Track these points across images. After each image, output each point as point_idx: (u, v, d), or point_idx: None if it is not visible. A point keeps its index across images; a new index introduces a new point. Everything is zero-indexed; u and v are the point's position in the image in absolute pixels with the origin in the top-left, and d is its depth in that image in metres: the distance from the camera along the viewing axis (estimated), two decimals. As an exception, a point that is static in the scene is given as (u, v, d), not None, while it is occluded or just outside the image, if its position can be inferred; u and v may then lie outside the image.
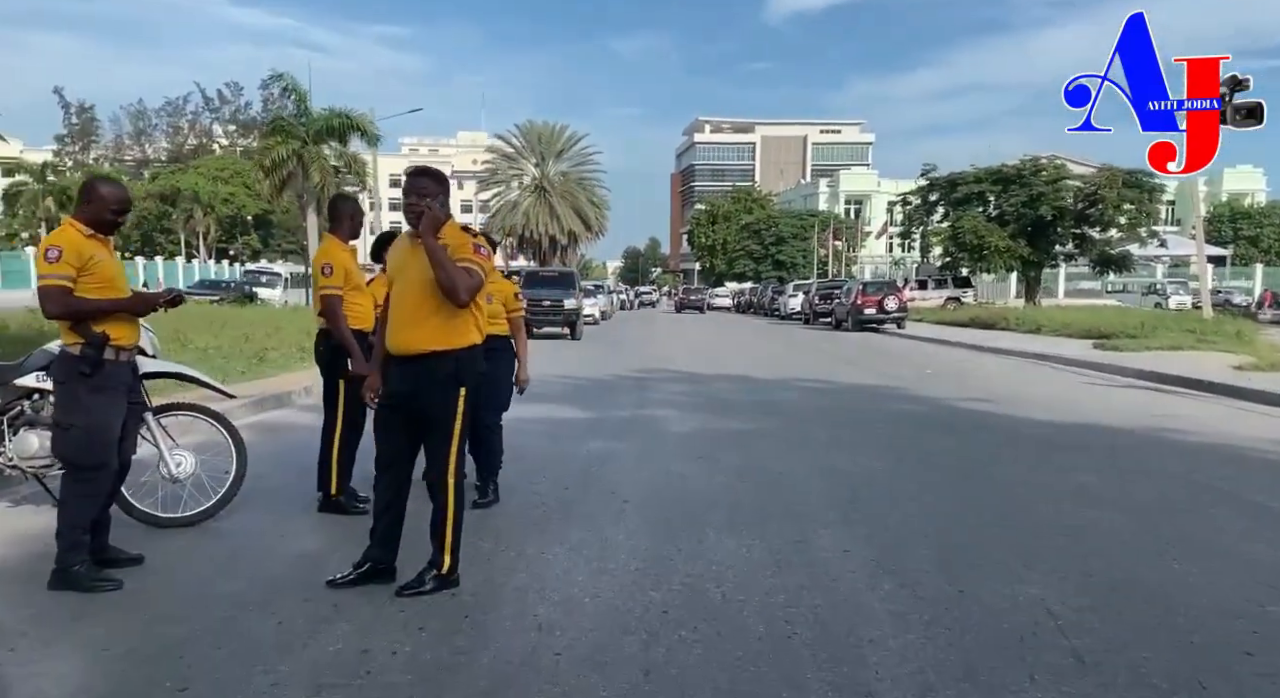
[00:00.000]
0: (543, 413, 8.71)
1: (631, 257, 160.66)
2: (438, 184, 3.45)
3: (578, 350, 18.64)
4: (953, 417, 8.88)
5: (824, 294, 32.28)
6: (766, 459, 6.55)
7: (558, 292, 21.74)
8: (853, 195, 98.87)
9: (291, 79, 28.73)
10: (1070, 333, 20.86)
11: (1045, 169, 35.29)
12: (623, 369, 13.87)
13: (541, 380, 12.21)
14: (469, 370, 3.48)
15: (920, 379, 12.81)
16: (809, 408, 9.50)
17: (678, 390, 11.10)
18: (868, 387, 11.73)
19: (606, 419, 8.53)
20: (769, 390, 11.29)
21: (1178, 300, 48.14)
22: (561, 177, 45.58)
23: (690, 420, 8.48)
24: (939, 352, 18.80)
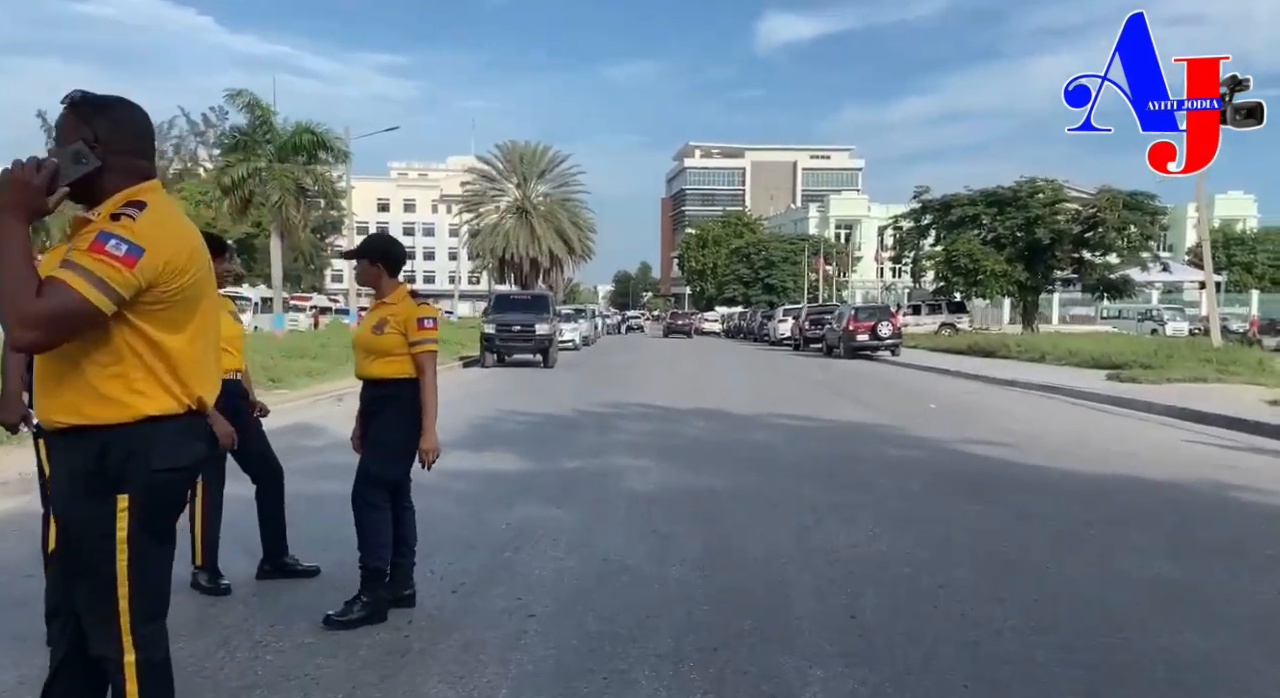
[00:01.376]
0: (472, 463, 7.21)
1: (622, 281, 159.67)
2: (82, 122, 1.87)
3: (547, 380, 17.15)
4: (971, 469, 7.40)
5: (814, 319, 30.90)
6: (740, 538, 5.04)
7: (529, 316, 20.28)
8: (843, 220, 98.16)
9: (252, 95, 27.34)
10: (1078, 362, 19.48)
11: (1042, 191, 34.15)
12: (590, 402, 12.38)
13: (490, 418, 10.89)
14: (133, 466, 1.85)
15: (923, 416, 11.35)
16: (796, 456, 8.01)
17: (645, 431, 9.60)
18: (864, 426, 10.25)
19: (549, 473, 7.01)
20: (751, 430, 9.80)
21: (1174, 327, 47.16)
22: (544, 198, 44.24)
23: (652, 474, 6.97)
24: (939, 383, 17.37)
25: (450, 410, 11.97)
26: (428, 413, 3.75)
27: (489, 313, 21.21)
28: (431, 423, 3.75)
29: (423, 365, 3.76)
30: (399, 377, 3.75)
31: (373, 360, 3.78)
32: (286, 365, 15.16)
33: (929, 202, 37.34)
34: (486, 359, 20.08)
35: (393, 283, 3.87)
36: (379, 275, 3.85)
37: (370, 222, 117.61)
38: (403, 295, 3.84)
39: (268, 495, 4.15)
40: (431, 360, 3.80)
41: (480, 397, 13.49)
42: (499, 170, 44.37)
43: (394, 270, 3.90)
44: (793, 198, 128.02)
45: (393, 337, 3.73)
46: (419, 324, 3.75)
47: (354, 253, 3.94)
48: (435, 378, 3.82)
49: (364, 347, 3.83)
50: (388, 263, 3.86)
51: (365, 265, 3.85)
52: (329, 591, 3.90)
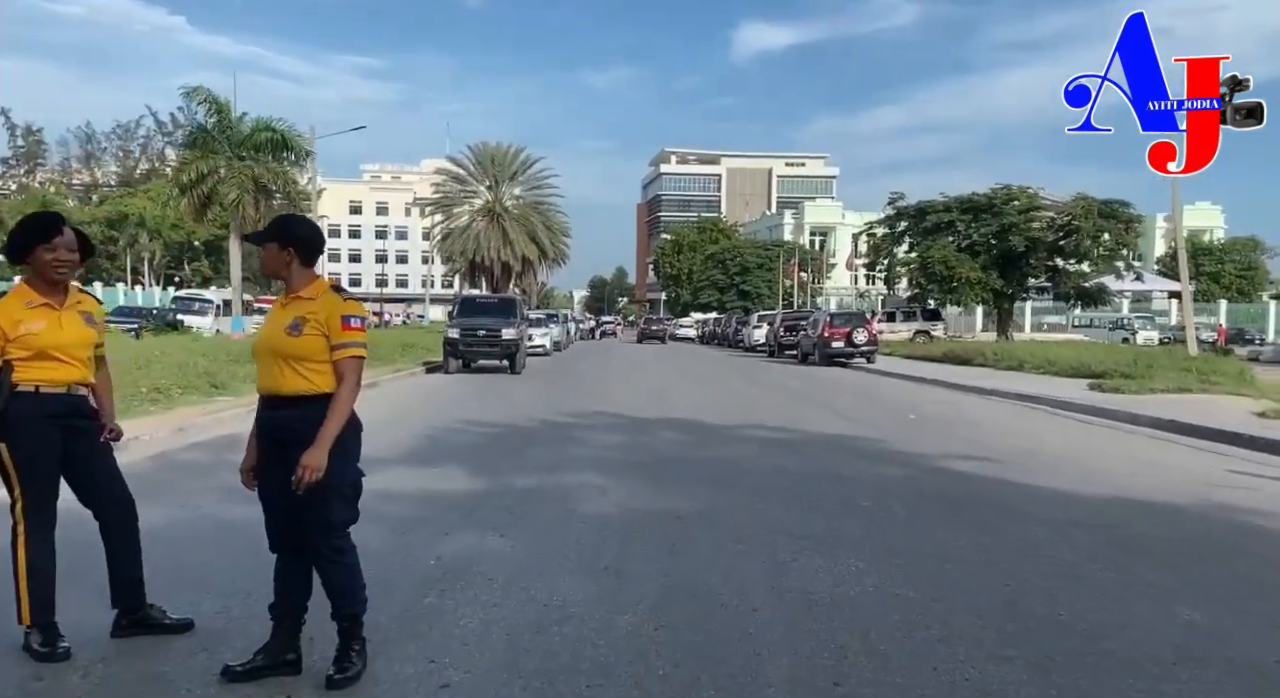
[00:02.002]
0: (412, 482, 6.51)
1: (598, 286, 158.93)
2: None
3: (512, 387, 16.44)
4: (958, 490, 6.81)
5: (789, 325, 30.42)
6: (705, 575, 4.39)
7: (496, 320, 19.54)
8: (817, 227, 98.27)
9: (209, 91, 26.41)
10: (1057, 371, 19.09)
11: (1017, 198, 33.95)
12: (554, 411, 11.70)
13: (443, 428, 10.10)
14: None
15: (902, 427, 10.79)
16: (770, 473, 7.37)
17: (610, 444, 8.94)
18: (842, 439, 9.66)
19: (497, 494, 6.32)
20: (723, 443, 9.16)
21: (1145, 336, 47.38)
22: (516, 200, 43.41)
23: (612, 495, 6.31)
24: (916, 391, 16.87)
25: (402, 420, 11.30)
26: (330, 422, 3.00)
27: (454, 317, 20.44)
28: (328, 438, 2.99)
29: (344, 372, 3.05)
30: (323, 392, 3.02)
31: (287, 371, 3.03)
32: (232, 370, 14.30)
33: (904, 208, 37.04)
34: (450, 365, 19.32)
35: (308, 274, 3.15)
36: (289, 263, 3.12)
37: (342, 224, 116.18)
38: (323, 289, 3.13)
39: (116, 535, 3.38)
40: (356, 368, 3.08)
41: (437, 405, 12.75)
42: (470, 172, 43.48)
43: (309, 258, 3.16)
44: (768, 204, 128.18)
45: (313, 340, 3.01)
46: (344, 323, 3.04)
47: (259, 236, 3.21)
48: (356, 390, 3.10)
49: (275, 352, 3.05)
50: (301, 248, 3.13)
51: (274, 251, 3.13)
52: (200, 651, 3.21)
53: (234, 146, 27.25)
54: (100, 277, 68.03)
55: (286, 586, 3.13)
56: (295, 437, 2.99)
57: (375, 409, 12.27)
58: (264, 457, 3.14)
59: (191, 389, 11.67)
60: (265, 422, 3.14)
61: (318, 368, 3.03)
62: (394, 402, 13.08)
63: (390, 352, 22.13)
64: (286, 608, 3.10)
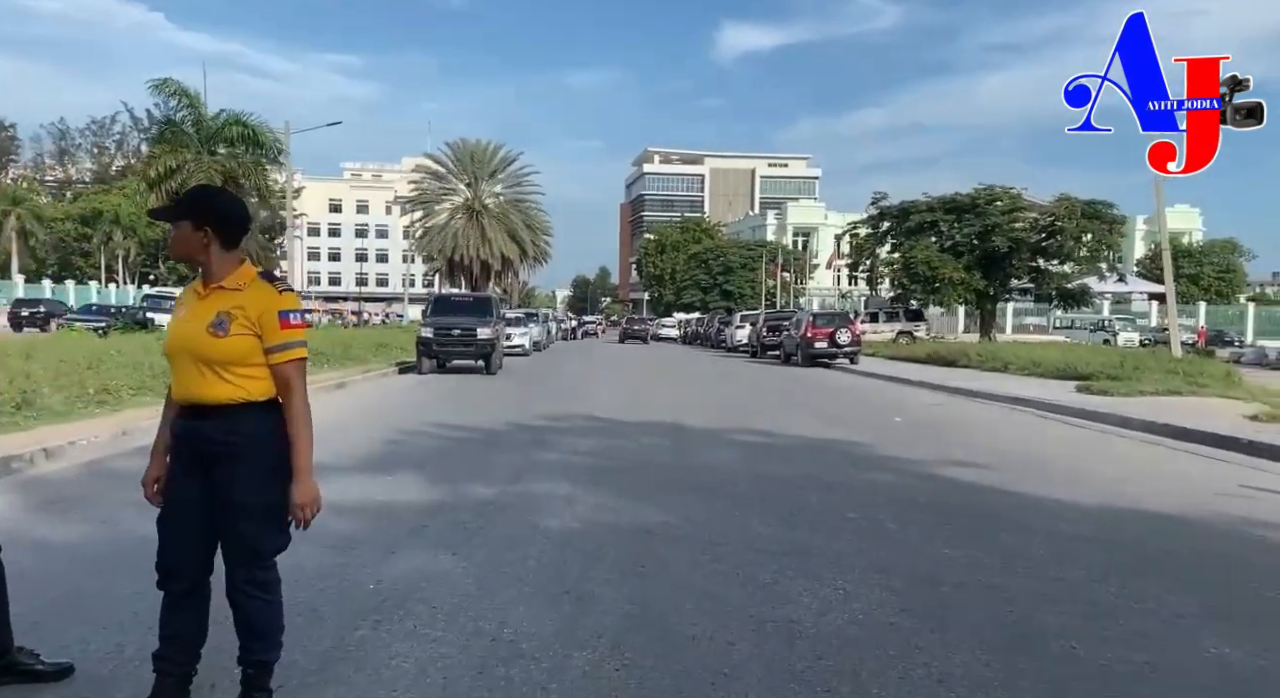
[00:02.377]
0: (364, 493, 6.01)
1: (581, 286, 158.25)
2: None
3: (487, 388, 15.91)
4: (950, 498, 6.38)
5: (772, 325, 30.04)
6: (677, 600, 3.92)
7: (471, 319, 18.99)
8: (800, 228, 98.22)
9: (179, 84, 25.65)
10: (1043, 372, 18.79)
11: (1000, 198, 33.79)
12: (528, 414, 11.20)
13: (408, 432, 9.43)
14: None
15: (889, 431, 10.38)
16: (751, 481, 6.92)
17: (583, 449, 8.45)
18: (828, 443, 9.22)
19: (455, 506, 5.82)
20: (702, 448, 8.70)
21: (1126, 337, 47.49)
22: (495, 198, 42.77)
23: (579, 506, 5.83)
24: (902, 393, 16.50)
25: (364, 422, 10.71)
26: (300, 450, 2.55)
27: (427, 315, 19.87)
28: (307, 464, 2.55)
29: (289, 381, 2.57)
30: (255, 400, 2.54)
31: (210, 376, 2.52)
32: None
33: (887, 208, 36.83)
34: (424, 365, 18.75)
35: (231, 259, 2.62)
36: (207, 246, 2.58)
37: (322, 222, 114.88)
38: (250, 277, 2.61)
39: None
40: (300, 374, 2.61)
41: (405, 407, 12.22)
42: (449, 169, 42.80)
43: (231, 239, 2.62)
44: (751, 205, 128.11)
45: (242, 340, 2.51)
46: (282, 320, 2.55)
47: (166, 211, 2.66)
48: (306, 397, 2.62)
49: (195, 355, 2.53)
50: (222, 227, 2.59)
51: (186, 231, 2.57)
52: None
53: (204, 140, 26.50)
54: (74, 275, 66.85)
55: (179, 629, 2.62)
56: (224, 451, 2.52)
57: (337, 412, 11.82)
58: (177, 470, 2.63)
59: (145, 390, 11.07)
60: (185, 432, 2.62)
61: (248, 372, 2.53)
62: (359, 403, 12.54)
63: (363, 351, 21.54)
64: (176, 657, 2.61)
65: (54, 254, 71.36)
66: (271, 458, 2.54)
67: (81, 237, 71.99)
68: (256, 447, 2.55)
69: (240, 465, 2.53)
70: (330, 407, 12.02)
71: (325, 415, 11.96)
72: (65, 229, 71.65)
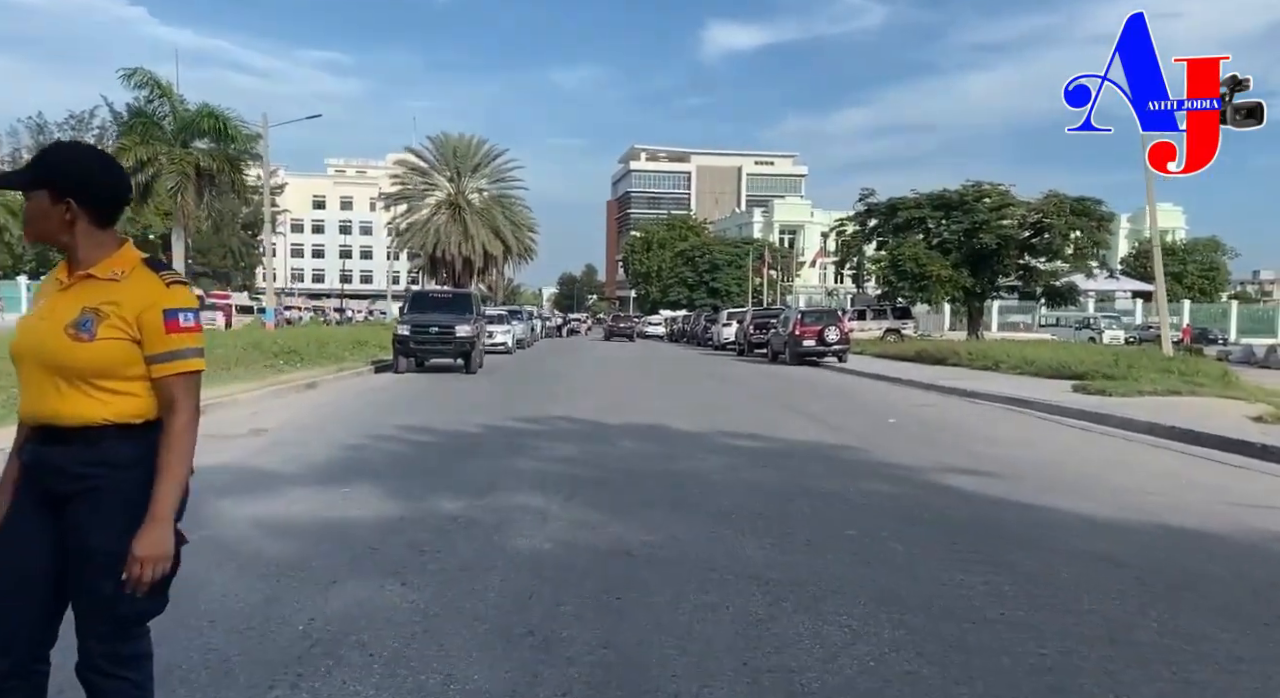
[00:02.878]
0: (313, 508, 5.44)
1: (567, 283, 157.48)
2: None
3: (465, 388, 15.32)
4: (955, 511, 5.87)
5: (759, 323, 29.56)
6: (657, 642, 3.37)
7: (449, 316, 18.37)
8: (787, 225, 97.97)
9: (149, 73, 24.84)
10: (1035, 371, 18.38)
11: (989, 195, 33.44)
12: (505, 416, 10.64)
13: (373, 437, 8.73)
14: None
15: (883, 433, 9.88)
16: (742, 492, 6.38)
17: (560, 456, 7.89)
18: (820, 447, 8.70)
19: (413, 523, 5.25)
20: (689, 454, 8.16)
21: (1111, 335, 47.37)
22: (478, 193, 42.04)
23: (553, 524, 5.27)
24: (892, 393, 16.04)
25: (327, 426, 9.93)
26: (162, 488, 1.94)
27: (404, 312, 19.24)
28: (167, 508, 1.94)
29: (175, 400, 1.98)
30: (128, 422, 1.97)
31: (68, 389, 1.96)
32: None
33: (875, 205, 36.41)
34: (400, 364, 18.13)
35: (105, 240, 2.03)
36: (70, 223, 1.99)
37: (305, 219, 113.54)
38: (131, 265, 2.02)
39: None
40: (190, 391, 2.00)
41: (375, 408, 11.62)
42: (431, 164, 42.03)
43: (105, 214, 2.04)
44: (738, 202, 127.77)
45: (113, 345, 1.94)
46: (168, 322, 1.96)
47: (15, 177, 2.02)
48: (195, 421, 2.01)
49: (48, 361, 1.96)
50: (89, 199, 2.00)
51: (43, 204, 1.99)
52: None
53: (177, 133, 25.73)
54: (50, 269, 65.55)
55: None
56: (82, 487, 1.95)
57: (302, 413, 11.20)
58: (16, 510, 2.05)
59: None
60: (33, 461, 2.04)
61: (121, 387, 1.96)
62: (326, 405, 11.93)
63: (340, 349, 20.91)
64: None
65: (31, 250, 70.14)
66: (146, 496, 1.96)
67: (58, 232, 70.91)
68: (125, 482, 1.96)
69: (102, 505, 1.95)
70: (296, 408, 11.42)
71: (289, 417, 11.42)
72: (44, 225, 70.52)
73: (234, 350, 17.26)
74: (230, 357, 16.17)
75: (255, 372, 15.29)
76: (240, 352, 17.29)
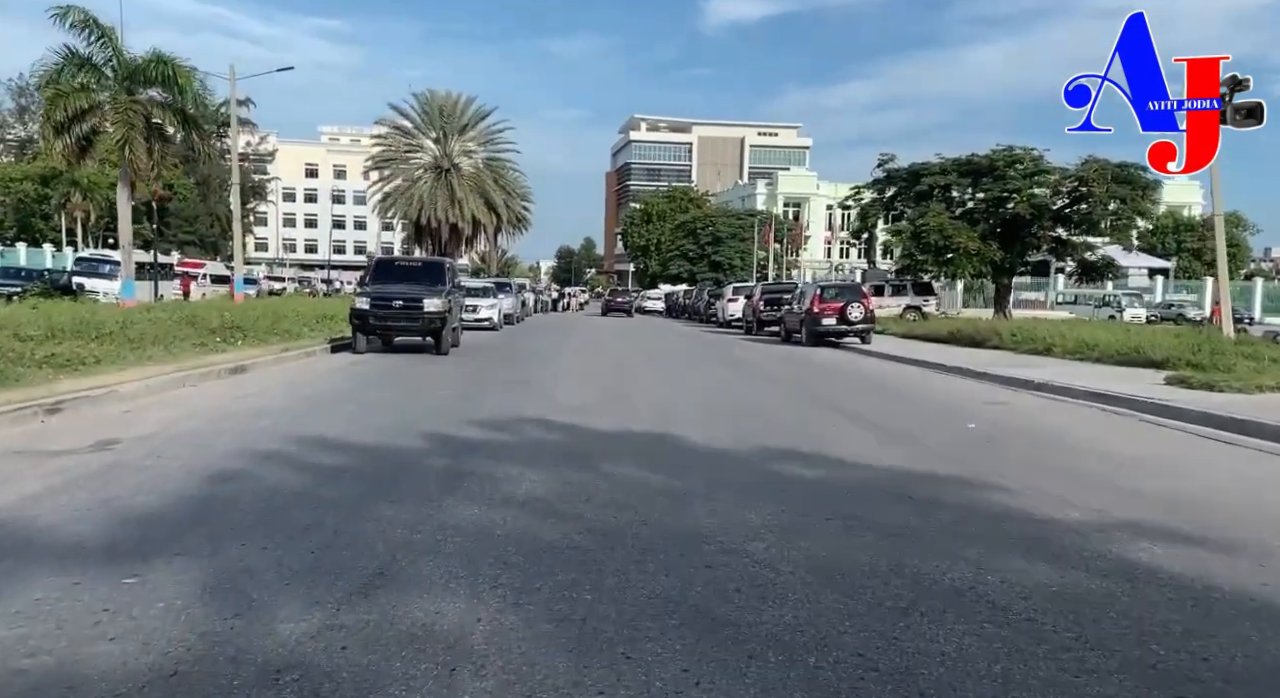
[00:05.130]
0: (62, 616, 2.80)
1: (565, 257, 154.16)
2: None
3: (429, 372, 12.70)
4: (1171, 620, 3.28)
5: (770, 299, 26.92)
6: None
7: (417, 288, 15.69)
8: (791, 198, 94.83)
9: (85, 12, 21.86)
10: (1098, 357, 15.80)
11: (1021, 160, 30.60)
12: (463, 416, 8.05)
13: (259, 455, 6.04)
14: None
15: (972, 449, 7.28)
16: (813, 591, 3.78)
17: (518, 496, 5.28)
18: (899, 479, 6.09)
19: (197, 679, 2.65)
20: (711, 495, 5.54)
21: (1132, 314, 44.84)
22: (467, 157, 39.07)
23: (469, 683, 2.68)
24: (942, 383, 13.44)
25: (212, 437, 6.81)
26: None
27: (366, 283, 16.56)
28: None
29: None
30: None
31: None
32: (36, 350, 10.47)
33: (895, 171, 33.53)
34: (359, 342, 15.47)
35: None
36: None
37: (298, 188, 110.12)
38: None
39: None
40: None
41: (298, 406, 8.98)
42: (415, 124, 39.00)
43: None
44: (740, 174, 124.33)
45: None
46: None
47: None
48: None
49: None
50: None
51: None
52: None
53: (121, 80, 22.84)
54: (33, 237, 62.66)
55: None
56: None
57: (188, 415, 7.99)
58: None
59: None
60: None
61: None
62: (238, 399, 9.29)
63: (297, 324, 18.28)
64: None
65: (12, 216, 67.45)
66: None
67: (41, 198, 68.10)
68: None
69: None
70: (193, 404, 8.79)
71: (170, 419, 7.36)
72: (24, 189, 67.68)
73: (167, 326, 14.64)
74: (153, 334, 13.54)
75: (178, 352, 12.68)
76: (171, 327, 14.67)
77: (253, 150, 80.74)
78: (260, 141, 77.92)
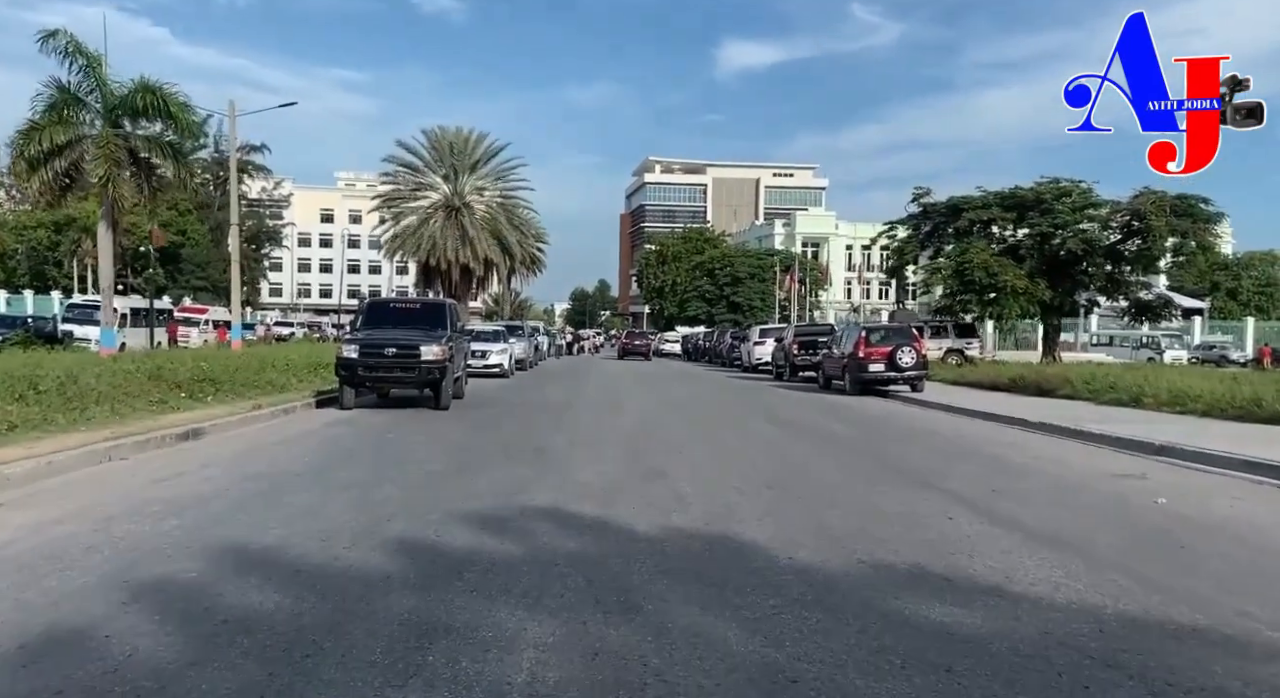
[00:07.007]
0: None
1: (580, 299, 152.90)
2: None
3: (421, 437, 10.58)
4: None
5: (805, 342, 24.77)
6: None
7: (413, 334, 13.67)
8: (810, 238, 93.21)
9: (72, 37, 20.41)
10: (1204, 409, 13.56)
11: (1070, 193, 28.59)
12: (449, 508, 5.94)
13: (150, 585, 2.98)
14: None
15: (1163, 558, 5.06)
16: None
17: (526, 669, 3.14)
18: (1096, 621, 3.90)
19: None
20: (821, 672, 3.39)
21: (1173, 355, 42.43)
22: (478, 195, 37.45)
23: None
24: (1038, 445, 11.20)
25: (88, 554, 4.38)
26: None
27: (356, 328, 14.57)
28: None
29: None
30: None
31: None
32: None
33: (931, 206, 31.57)
34: (346, 397, 13.40)
35: None
36: None
37: (313, 232, 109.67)
38: None
39: None
40: None
41: (240, 493, 6.83)
42: (425, 161, 37.47)
43: None
44: (756, 215, 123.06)
45: None
46: None
47: None
48: None
49: None
50: None
51: None
52: None
53: (107, 111, 21.32)
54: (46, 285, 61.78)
55: None
56: None
57: (86, 508, 5.74)
58: None
59: None
60: None
61: None
62: (152, 484, 7.15)
63: (283, 374, 16.30)
64: None
65: (25, 263, 66.87)
66: None
67: (53, 245, 67.58)
68: None
69: None
70: (87, 496, 6.51)
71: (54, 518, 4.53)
72: (38, 237, 67.19)
73: (128, 379, 12.68)
74: (101, 390, 11.56)
75: (125, 413, 10.68)
76: (131, 381, 12.70)
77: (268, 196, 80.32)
78: (275, 187, 77.43)
